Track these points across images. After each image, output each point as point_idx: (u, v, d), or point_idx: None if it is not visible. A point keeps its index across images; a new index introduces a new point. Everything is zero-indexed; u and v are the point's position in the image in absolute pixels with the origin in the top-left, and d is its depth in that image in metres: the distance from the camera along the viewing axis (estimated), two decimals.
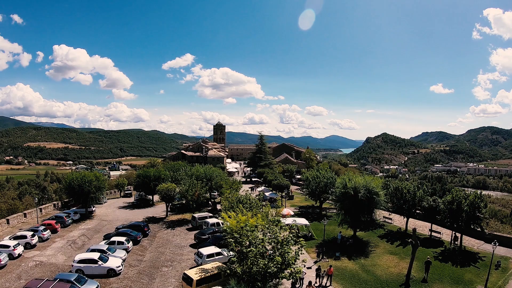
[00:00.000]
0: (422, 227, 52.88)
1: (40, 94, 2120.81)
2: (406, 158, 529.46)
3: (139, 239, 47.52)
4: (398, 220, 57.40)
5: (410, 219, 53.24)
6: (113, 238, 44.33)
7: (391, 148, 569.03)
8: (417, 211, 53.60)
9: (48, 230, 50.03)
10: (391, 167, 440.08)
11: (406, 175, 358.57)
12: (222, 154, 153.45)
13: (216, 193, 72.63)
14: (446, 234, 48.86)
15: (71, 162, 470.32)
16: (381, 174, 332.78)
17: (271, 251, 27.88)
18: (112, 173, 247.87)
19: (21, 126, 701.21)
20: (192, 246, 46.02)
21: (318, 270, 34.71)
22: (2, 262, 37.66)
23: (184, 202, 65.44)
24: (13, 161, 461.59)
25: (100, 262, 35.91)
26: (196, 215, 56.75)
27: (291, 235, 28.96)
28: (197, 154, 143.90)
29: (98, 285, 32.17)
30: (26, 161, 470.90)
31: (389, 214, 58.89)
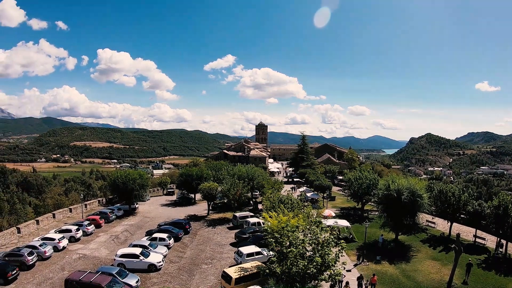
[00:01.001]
0: (466, 232, 51.11)
1: (86, 96, 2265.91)
2: (451, 159, 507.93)
3: (180, 236, 49.50)
4: (441, 225, 55.96)
5: (454, 224, 51.89)
6: (155, 235, 46.42)
7: (435, 149, 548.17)
8: (462, 216, 52.23)
9: (93, 225, 53.53)
10: (435, 169, 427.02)
11: (451, 177, 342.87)
12: (264, 154, 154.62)
13: (257, 193, 74.03)
14: (491, 241, 46.94)
15: (115, 161, 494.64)
16: (425, 176, 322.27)
17: (311, 252, 28.09)
18: (155, 171, 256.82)
19: (68, 126, 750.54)
20: (232, 244, 47.22)
21: (360, 278, 33.88)
22: (47, 254, 40.97)
23: (225, 201, 67.42)
24: (60, 159, 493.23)
25: (141, 257, 37.85)
26: (237, 214, 58.12)
27: (331, 237, 29.04)
28: (239, 154, 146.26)
29: (138, 279, 33.84)
30: (72, 159, 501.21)
31: (432, 218, 57.63)
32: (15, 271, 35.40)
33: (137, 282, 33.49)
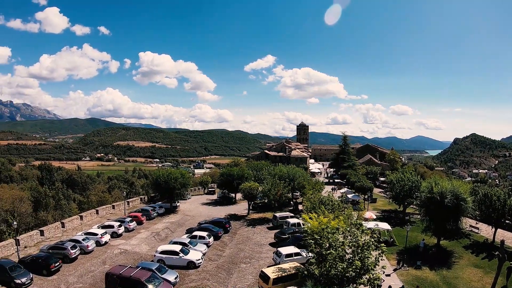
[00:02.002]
0: (511, 239, 48.72)
1: (129, 97, 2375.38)
2: (497, 161, 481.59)
3: (220, 235, 50.31)
4: (485, 230, 53.43)
5: (499, 230, 49.49)
6: (195, 233, 47.53)
7: (480, 150, 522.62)
8: (507, 221, 50.29)
9: (134, 222, 55.66)
10: (480, 171, 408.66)
11: (496, 180, 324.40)
12: (305, 154, 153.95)
13: (298, 193, 73.93)
14: None
15: (157, 160, 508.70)
16: (469, 178, 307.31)
17: (351, 255, 27.73)
18: (196, 171, 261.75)
19: (111, 127, 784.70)
20: (271, 244, 47.38)
21: None
22: (89, 248, 42.98)
23: (266, 201, 67.77)
24: (104, 158, 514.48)
25: (181, 254, 38.71)
26: (278, 214, 58.32)
27: (372, 240, 28.54)
28: (280, 154, 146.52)
29: (177, 276, 34.66)
30: (115, 158, 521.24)
31: (476, 223, 55.42)
32: (58, 263, 37.38)
33: (175, 278, 34.29)
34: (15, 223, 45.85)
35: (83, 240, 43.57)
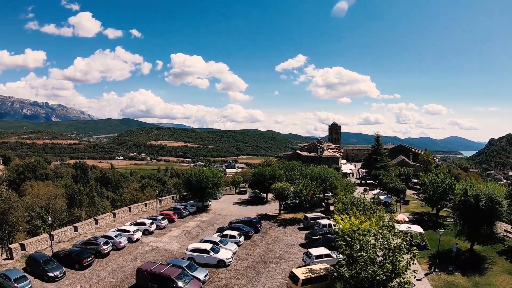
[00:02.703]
0: None
1: (161, 98, 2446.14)
2: None
3: (250, 234, 50.45)
4: None
5: None
6: (226, 232, 48.06)
7: None
8: None
9: (166, 220, 56.89)
10: None
11: None
12: (337, 154, 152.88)
13: (329, 194, 73.44)
14: None
15: (189, 159, 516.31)
16: (505, 181, 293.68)
17: (382, 258, 27.37)
18: (228, 170, 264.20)
19: (144, 127, 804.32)
20: (301, 245, 47.23)
21: None
22: (121, 244, 44.37)
23: (297, 201, 67.62)
24: (137, 157, 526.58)
25: (211, 253, 39.10)
26: (309, 215, 58.10)
27: (404, 243, 28.04)
28: (312, 154, 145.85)
29: (207, 274, 35.09)
30: (148, 158, 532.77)
31: (511, 228, 53.48)
32: (91, 258, 38.84)
33: (205, 276, 34.72)
34: (50, 219, 47.51)
35: (115, 236, 45.06)
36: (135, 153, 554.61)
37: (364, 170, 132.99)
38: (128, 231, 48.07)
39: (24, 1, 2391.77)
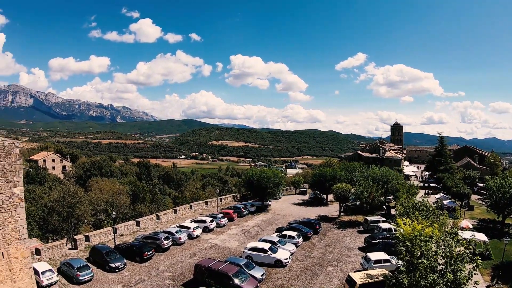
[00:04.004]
0: None
1: (222, 99, 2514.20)
2: None
3: (309, 235, 50.16)
4: None
5: None
6: (285, 232, 48.22)
7: None
8: None
9: (226, 218, 58.38)
10: None
11: None
12: (399, 156, 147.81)
13: (391, 197, 71.18)
14: None
15: (250, 159, 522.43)
16: None
17: (443, 266, 26.34)
18: (288, 171, 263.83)
19: (206, 127, 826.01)
20: (360, 249, 46.25)
21: None
22: (181, 240, 46.13)
23: (357, 203, 66.25)
24: (198, 157, 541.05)
25: (269, 252, 39.33)
26: (369, 218, 56.86)
27: (467, 251, 26.65)
28: (374, 155, 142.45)
29: (264, 273, 35.34)
30: (209, 157, 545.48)
31: None
32: (151, 252, 40.84)
33: (262, 275, 34.97)
34: (114, 213, 50.24)
35: (176, 232, 46.87)
36: (197, 153, 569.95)
37: (427, 173, 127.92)
38: (189, 228, 49.83)
39: (87, 11, 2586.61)
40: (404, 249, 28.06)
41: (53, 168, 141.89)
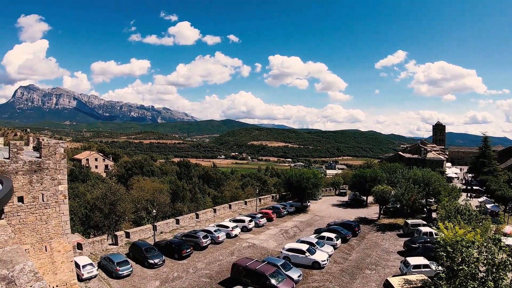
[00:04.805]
0: None
1: (261, 99, 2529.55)
2: None
3: (348, 237, 49.56)
4: None
5: None
6: (323, 233, 47.85)
7: None
8: None
9: (265, 218, 58.79)
10: None
11: None
12: (442, 157, 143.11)
13: (432, 200, 69.07)
14: None
15: (290, 160, 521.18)
16: None
17: (484, 274, 25.33)
18: (328, 171, 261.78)
19: (245, 127, 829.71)
20: (400, 253, 45.24)
21: None
22: (220, 239, 46.85)
23: (398, 206, 64.81)
24: (238, 157, 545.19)
25: (307, 254, 39.21)
26: (409, 221, 55.52)
27: (510, 259, 25.44)
28: (415, 156, 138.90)
29: (301, 274, 35.37)
30: (249, 157, 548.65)
31: None
32: (189, 250, 41.86)
33: (299, 276, 34.99)
34: (154, 211, 51.72)
35: (214, 231, 47.73)
36: (237, 153, 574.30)
37: (470, 175, 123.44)
38: (227, 227, 50.52)
39: (127, 17, 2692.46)
40: (444, 254, 27.26)
41: (96, 167, 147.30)
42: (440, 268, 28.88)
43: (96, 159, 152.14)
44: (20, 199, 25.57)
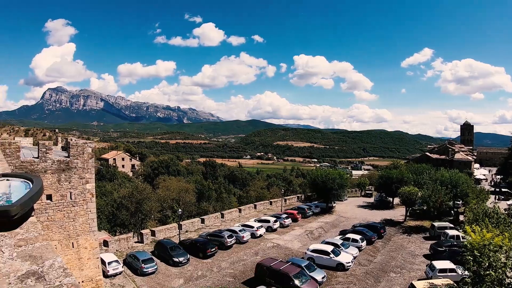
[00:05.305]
0: None
1: (286, 99, 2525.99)
2: None
3: (373, 239, 49.04)
4: None
5: None
6: (348, 235, 47.68)
7: None
8: None
9: (290, 219, 58.75)
10: None
11: None
12: (470, 158, 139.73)
13: (460, 202, 67.55)
14: None
15: (315, 160, 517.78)
16: None
17: (511, 280, 24.63)
18: (354, 172, 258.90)
19: (271, 128, 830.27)
20: (425, 256, 44.51)
21: None
22: (244, 239, 47.20)
23: (424, 208, 63.65)
24: (264, 157, 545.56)
25: (331, 255, 39.03)
26: (436, 223, 54.47)
27: None
28: (442, 157, 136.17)
29: (325, 275, 35.26)
30: (274, 157, 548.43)
31: None
32: (214, 249, 42.38)
33: (323, 278, 34.91)
34: (179, 210, 52.45)
35: (239, 231, 48.24)
36: (262, 153, 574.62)
37: (499, 176, 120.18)
38: (252, 227, 50.91)
39: (152, 19, 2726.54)
40: (471, 258, 26.55)
41: (123, 166, 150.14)
42: (466, 272, 28.42)
43: (123, 159, 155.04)
44: (49, 197, 26.38)
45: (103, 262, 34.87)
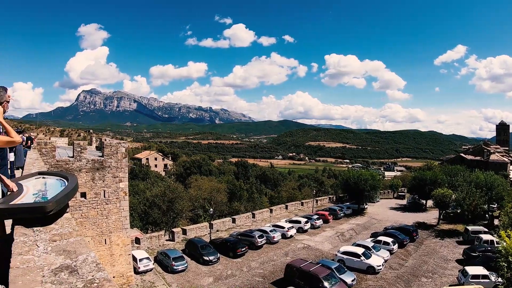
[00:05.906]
0: None
1: (318, 99, 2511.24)
2: None
3: (405, 243, 48.33)
4: None
5: None
6: (380, 237, 47.26)
7: None
8: None
9: (321, 220, 58.71)
10: None
11: None
12: (506, 159, 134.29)
13: (495, 206, 65.30)
14: None
15: (347, 161, 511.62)
16: None
17: None
18: (386, 173, 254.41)
19: (303, 128, 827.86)
20: (458, 261, 43.42)
21: None
22: (275, 239, 47.49)
23: (458, 211, 61.86)
24: (295, 157, 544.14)
25: (362, 258, 38.74)
26: (470, 228, 52.92)
27: None
28: (477, 158, 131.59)
29: (355, 278, 34.99)
30: (306, 158, 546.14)
31: None
32: (244, 249, 42.79)
33: (353, 280, 34.68)
34: (211, 209, 53.06)
35: (270, 231, 48.57)
36: (294, 153, 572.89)
37: None
38: (283, 227, 51.21)
39: (183, 22, 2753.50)
40: (505, 265, 25.91)
41: (155, 166, 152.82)
42: (500, 279, 27.61)
43: (155, 159, 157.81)
44: (83, 194, 27.38)
45: (134, 258, 35.83)
